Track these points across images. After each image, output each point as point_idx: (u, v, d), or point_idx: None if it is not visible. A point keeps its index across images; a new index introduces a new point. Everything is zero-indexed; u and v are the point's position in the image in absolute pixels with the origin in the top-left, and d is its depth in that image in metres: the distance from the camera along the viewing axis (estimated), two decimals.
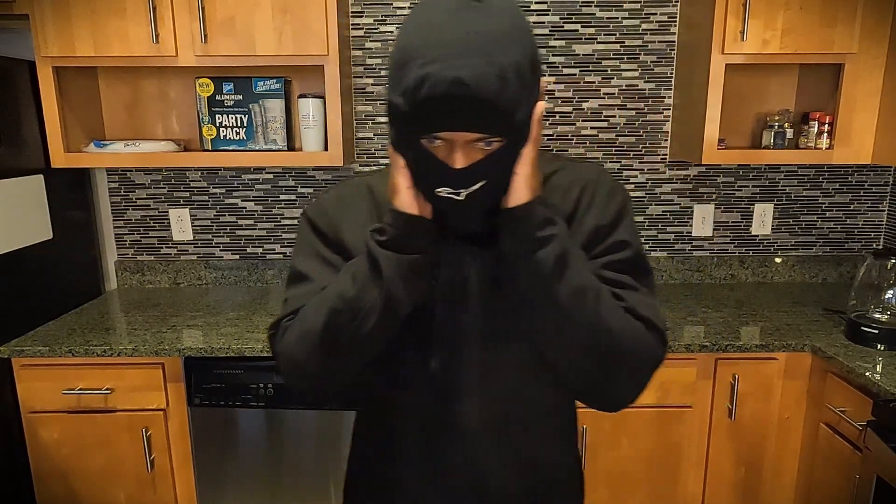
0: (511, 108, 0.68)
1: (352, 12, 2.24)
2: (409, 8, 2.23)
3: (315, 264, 0.89)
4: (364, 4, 2.23)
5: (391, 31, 2.25)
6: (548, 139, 2.34)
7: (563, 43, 2.27)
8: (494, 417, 0.87)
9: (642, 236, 2.42)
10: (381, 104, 2.31)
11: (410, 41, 0.69)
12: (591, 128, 2.34)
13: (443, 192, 0.75)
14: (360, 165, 2.36)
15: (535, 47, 0.73)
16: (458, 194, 0.74)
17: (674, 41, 2.27)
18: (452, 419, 0.87)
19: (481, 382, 0.86)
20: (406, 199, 0.76)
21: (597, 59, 2.28)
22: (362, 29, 2.25)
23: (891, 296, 1.80)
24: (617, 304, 0.78)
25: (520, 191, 0.75)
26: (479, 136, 0.71)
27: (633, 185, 2.38)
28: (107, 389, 1.82)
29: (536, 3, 2.23)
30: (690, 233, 2.42)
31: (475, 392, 0.86)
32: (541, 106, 0.73)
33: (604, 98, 2.31)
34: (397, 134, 0.75)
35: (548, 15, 2.25)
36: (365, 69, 2.28)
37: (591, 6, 2.24)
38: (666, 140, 2.35)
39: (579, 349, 0.78)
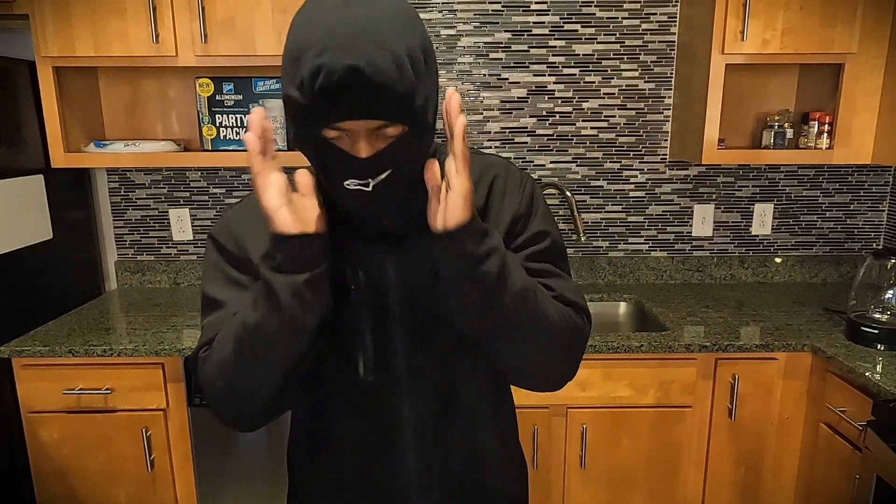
0: (408, 93, 0.68)
1: None
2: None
3: (224, 287, 0.86)
4: None
5: None
6: (548, 139, 2.34)
7: (563, 43, 2.27)
8: (430, 412, 0.88)
9: (640, 236, 2.42)
10: None
11: (302, 34, 0.68)
12: (591, 128, 2.34)
13: (351, 184, 0.73)
14: None
15: (427, 37, 0.73)
16: (366, 185, 0.73)
17: (674, 41, 2.27)
18: (385, 419, 0.88)
19: (411, 382, 0.86)
20: (283, 220, 0.71)
21: (597, 59, 2.28)
22: None
23: (891, 296, 1.80)
24: (548, 294, 0.82)
25: (457, 210, 0.70)
26: (381, 123, 0.70)
27: (633, 185, 2.38)
28: (107, 389, 1.82)
29: (536, 3, 2.23)
30: (690, 233, 2.42)
31: (406, 391, 0.87)
32: (461, 122, 0.69)
33: (604, 98, 2.31)
34: (297, 129, 0.72)
35: (548, 15, 2.25)
36: None
37: (591, 6, 2.24)
38: (666, 140, 2.35)
39: (522, 342, 0.80)
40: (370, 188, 0.73)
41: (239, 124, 2.12)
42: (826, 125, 2.04)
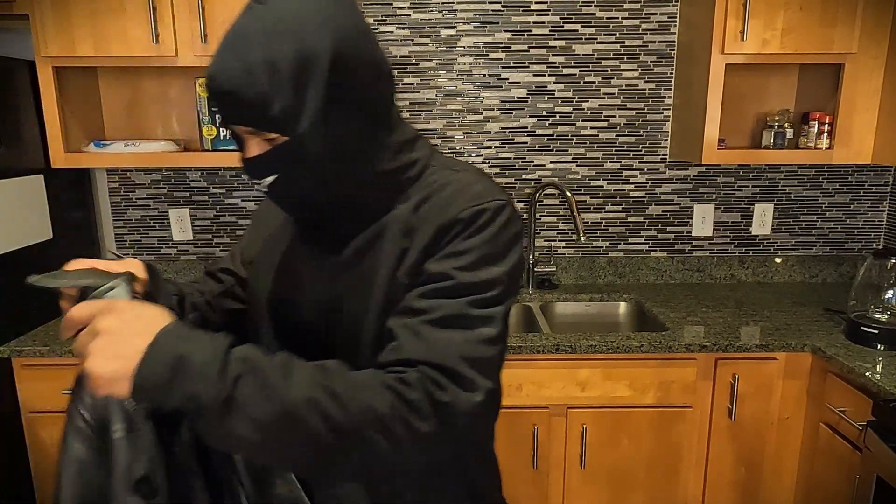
0: (259, 100, 0.70)
1: None
2: (409, 8, 2.24)
3: None
4: (364, 4, 2.23)
5: (391, 31, 2.25)
6: (548, 139, 2.34)
7: (563, 43, 2.27)
8: None
9: (640, 236, 2.42)
10: None
11: None
12: (591, 128, 2.34)
13: (253, 184, 0.80)
14: None
15: (317, 48, 0.71)
16: (261, 186, 0.79)
17: (674, 41, 2.27)
18: None
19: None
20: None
21: (597, 59, 2.28)
22: None
23: (891, 296, 1.80)
24: (338, 398, 0.67)
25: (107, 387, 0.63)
26: (250, 129, 0.74)
27: (633, 185, 2.38)
28: None
29: (536, 3, 2.23)
30: (690, 233, 2.42)
31: None
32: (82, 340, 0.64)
33: (604, 98, 2.31)
34: None
35: (548, 15, 2.25)
36: None
37: (591, 6, 2.24)
38: (666, 140, 2.35)
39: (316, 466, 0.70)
40: (265, 188, 0.79)
41: None
42: (826, 125, 2.04)
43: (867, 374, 1.58)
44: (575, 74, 2.29)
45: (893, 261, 1.79)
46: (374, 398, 0.68)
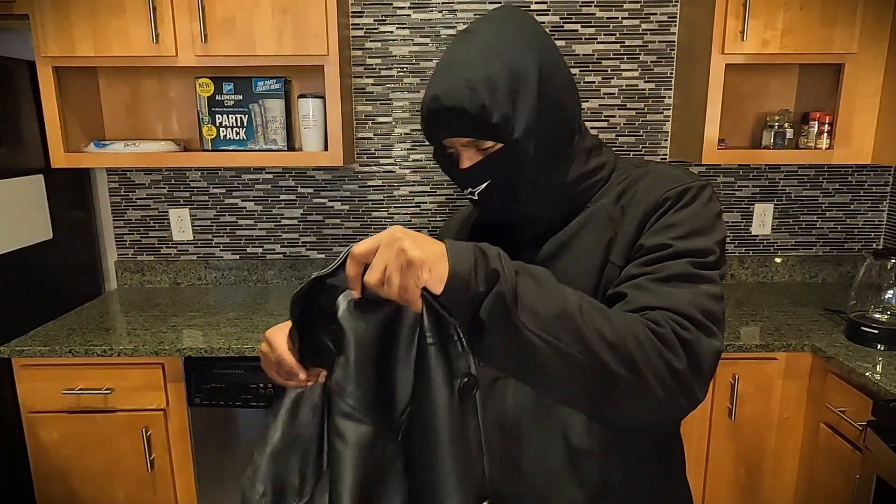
0: (481, 112, 0.80)
1: (352, 12, 2.24)
2: (409, 8, 2.23)
3: None
4: (364, 4, 2.23)
5: (391, 31, 2.25)
6: None
7: (563, 43, 2.27)
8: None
9: None
10: (381, 104, 2.31)
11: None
12: (591, 128, 2.34)
13: (466, 191, 0.90)
14: (360, 165, 2.36)
15: (521, 64, 0.82)
16: (472, 194, 0.89)
17: (674, 41, 2.27)
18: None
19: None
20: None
21: (597, 59, 2.28)
22: (362, 29, 2.25)
23: (891, 296, 1.80)
24: (603, 313, 0.70)
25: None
26: (469, 139, 0.85)
27: None
28: (107, 389, 1.82)
29: (536, 3, 2.23)
30: None
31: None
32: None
33: (604, 98, 2.31)
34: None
35: (548, 15, 2.25)
36: (365, 69, 2.28)
37: (591, 6, 2.24)
38: (666, 140, 2.35)
39: (576, 379, 0.69)
40: (476, 196, 0.89)
41: (239, 124, 2.12)
42: (826, 125, 2.04)
43: (867, 374, 1.58)
44: (575, 74, 2.29)
45: (893, 261, 1.79)
46: (633, 324, 0.70)
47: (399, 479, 0.72)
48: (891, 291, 1.80)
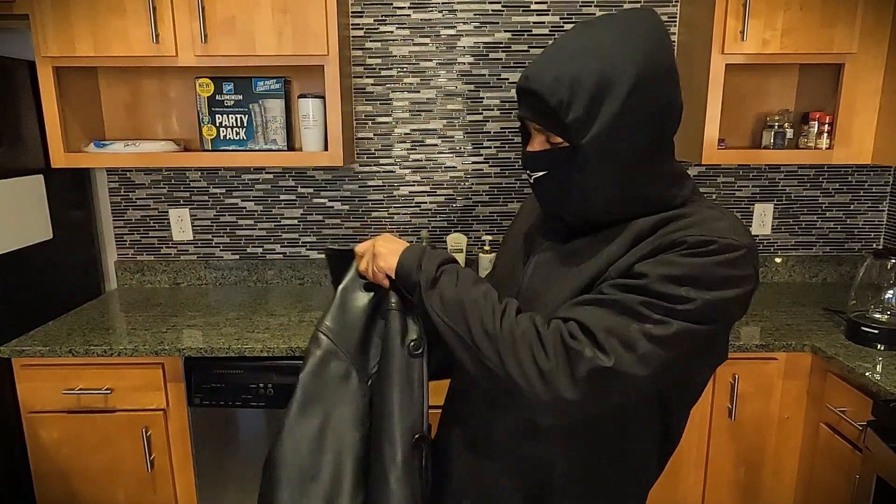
0: (558, 108, 0.81)
1: (352, 12, 2.24)
2: (409, 8, 2.23)
3: None
4: (364, 4, 2.23)
5: (391, 31, 2.25)
6: None
7: None
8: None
9: None
10: (381, 104, 2.31)
11: None
12: None
13: (526, 172, 0.95)
14: (361, 165, 2.36)
15: (618, 74, 0.80)
16: (530, 177, 0.92)
17: (674, 41, 2.27)
18: None
19: None
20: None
21: None
22: (362, 29, 2.25)
23: (891, 296, 1.80)
24: (496, 310, 0.85)
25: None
26: (540, 126, 0.87)
27: None
28: (107, 389, 1.82)
29: (536, 3, 2.23)
30: None
31: None
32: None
33: None
34: None
35: (548, 15, 2.25)
36: (365, 69, 2.28)
37: (591, 6, 2.24)
38: None
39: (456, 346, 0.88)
40: (532, 180, 0.92)
41: (239, 124, 2.12)
42: (826, 125, 2.04)
43: (867, 374, 1.58)
44: None
45: (893, 261, 1.79)
46: (522, 322, 0.83)
47: (366, 414, 1.00)
48: (891, 291, 1.80)
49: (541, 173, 0.90)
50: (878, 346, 1.74)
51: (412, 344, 0.95)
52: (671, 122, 0.87)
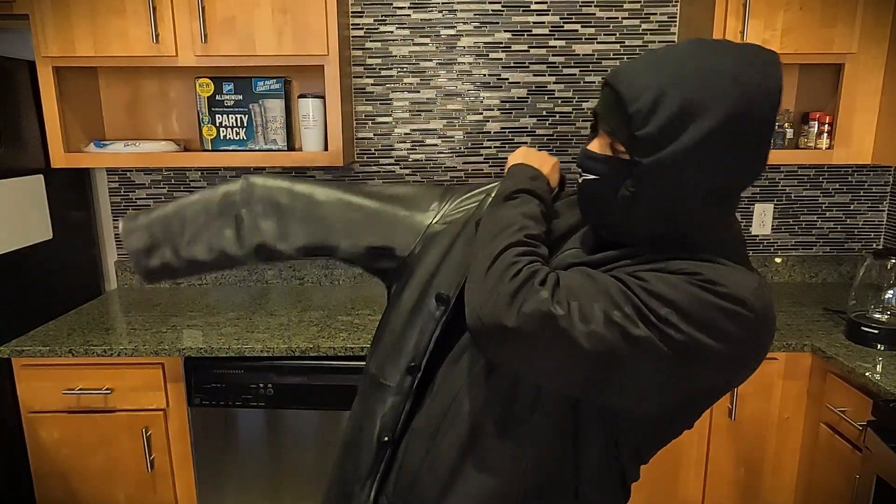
0: (635, 115, 0.74)
1: (352, 12, 2.24)
2: (409, 8, 2.23)
3: None
4: (364, 4, 2.23)
5: (391, 31, 2.25)
6: (547, 139, 2.34)
7: (563, 43, 2.27)
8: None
9: None
10: (381, 104, 2.31)
11: None
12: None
13: (575, 167, 0.88)
14: (361, 165, 2.36)
15: (710, 106, 0.71)
16: (579, 175, 0.85)
17: (674, 41, 2.26)
18: None
19: None
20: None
21: (597, 59, 2.28)
22: (362, 29, 2.25)
23: (891, 296, 1.80)
24: (517, 235, 0.84)
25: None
26: (609, 129, 0.79)
27: None
28: (107, 389, 1.83)
29: (536, 3, 2.23)
30: None
31: None
32: None
33: None
34: None
35: (548, 15, 2.25)
36: (365, 69, 2.28)
37: (591, 6, 2.24)
38: None
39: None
40: (580, 180, 0.86)
41: (239, 124, 2.12)
42: (826, 125, 2.04)
43: (867, 374, 1.58)
44: (575, 74, 2.29)
45: (893, 261, 1.79)
46: (515, 260, 0.80)
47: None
48: (891, 291, 1.80)
49: (591, 177, 0.83)
50: (878, 346, 1.74)
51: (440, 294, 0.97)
52: (744, 177, 0.78)
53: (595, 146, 0.83)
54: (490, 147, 2.35)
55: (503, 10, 2.24)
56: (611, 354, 0.72)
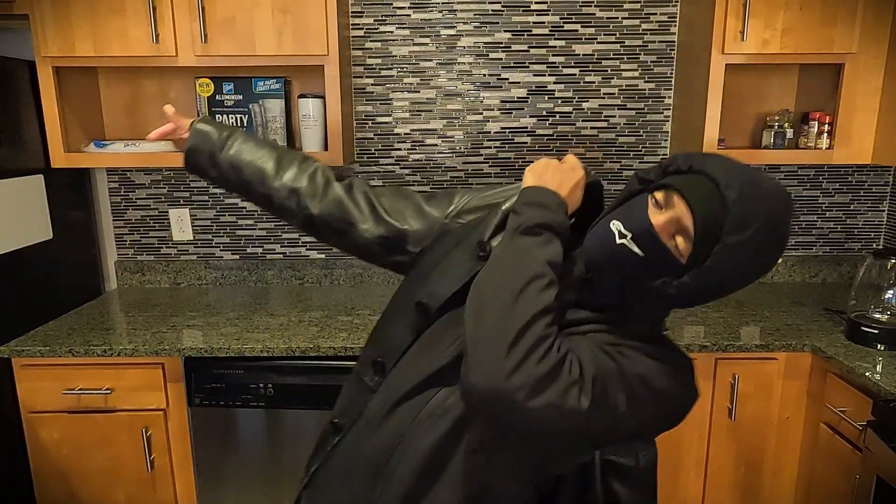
0: (732, 242, 0.75)
1: (352, 12, 2.24)
2: (409, 8, 2.23)
3: None
4: (364, 4, 2.23)
5: (391, 31, 2.25)
6: (547, 139, 2.34)
7: (563, 43, 2.27)
8: None
9: None
10: (381, 104, 2.31)
11: None
12: (591, 128, 2.34)
13: (616, 226, 0.82)
14: (361, 165, 2.36)
15: (737, 251, 0.76)
16: (622, 236, 0.81)
17: (674, 41, 2.26)
18: None
19: None
20: None
21: (597, 59, 2.28)
22: (362, 29, 2.25)
23: (891, 296, 1.80)
24: (542, 302, 0.77)
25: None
26: (692, 220, 0.77)
27: None
28: (107, 389, 1.82)
29: (536, 3, 2.23)
30: None
31: None
32: None
33: (604, 98, 2.31)
34: None
35: (548, 15, 2.25)
36: (365, 69, 2.28)
37: (591, 6, 2.24)
38: (666, 140, 2.35)
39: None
40: (618, 240, 0.81)
41: (239, 124, 2.12)
42: (826, 125, 2.04)
43: (867, 374, 1.58)
44: (575, 74, 2.29)
45: (893, 261, 1.79)
46: (542, 322, 0.76)
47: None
48: (891, 291, 1.80)
49: (636, 250, 0.80)
50: (878, 346, 1.74)
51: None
52: (711, 297, 0.84)
53: (660, 224, 0.78)
54: (490, 147, 2.35)
55: (503, 10, 2.24)
56: (607, 431, 0.79)
